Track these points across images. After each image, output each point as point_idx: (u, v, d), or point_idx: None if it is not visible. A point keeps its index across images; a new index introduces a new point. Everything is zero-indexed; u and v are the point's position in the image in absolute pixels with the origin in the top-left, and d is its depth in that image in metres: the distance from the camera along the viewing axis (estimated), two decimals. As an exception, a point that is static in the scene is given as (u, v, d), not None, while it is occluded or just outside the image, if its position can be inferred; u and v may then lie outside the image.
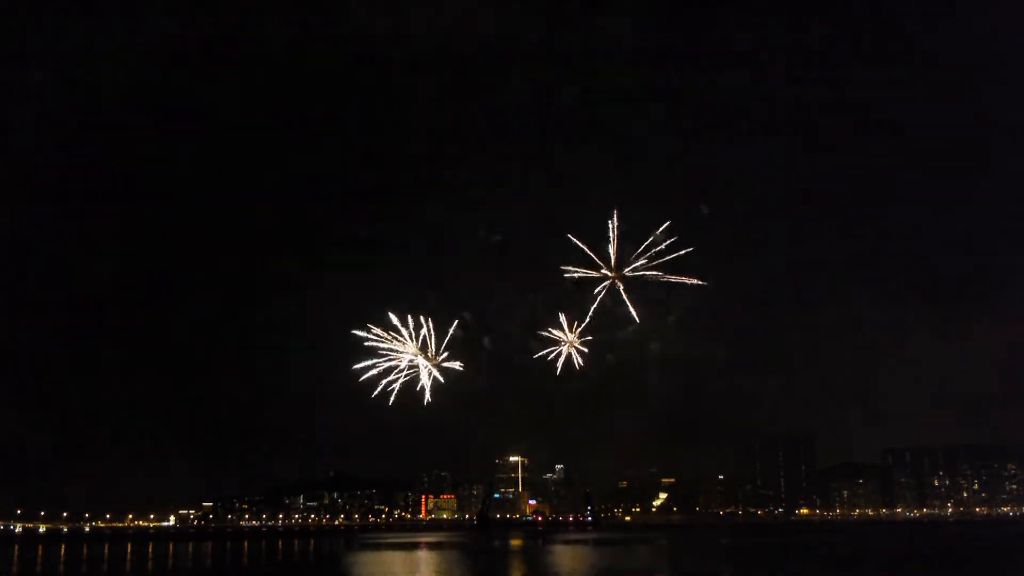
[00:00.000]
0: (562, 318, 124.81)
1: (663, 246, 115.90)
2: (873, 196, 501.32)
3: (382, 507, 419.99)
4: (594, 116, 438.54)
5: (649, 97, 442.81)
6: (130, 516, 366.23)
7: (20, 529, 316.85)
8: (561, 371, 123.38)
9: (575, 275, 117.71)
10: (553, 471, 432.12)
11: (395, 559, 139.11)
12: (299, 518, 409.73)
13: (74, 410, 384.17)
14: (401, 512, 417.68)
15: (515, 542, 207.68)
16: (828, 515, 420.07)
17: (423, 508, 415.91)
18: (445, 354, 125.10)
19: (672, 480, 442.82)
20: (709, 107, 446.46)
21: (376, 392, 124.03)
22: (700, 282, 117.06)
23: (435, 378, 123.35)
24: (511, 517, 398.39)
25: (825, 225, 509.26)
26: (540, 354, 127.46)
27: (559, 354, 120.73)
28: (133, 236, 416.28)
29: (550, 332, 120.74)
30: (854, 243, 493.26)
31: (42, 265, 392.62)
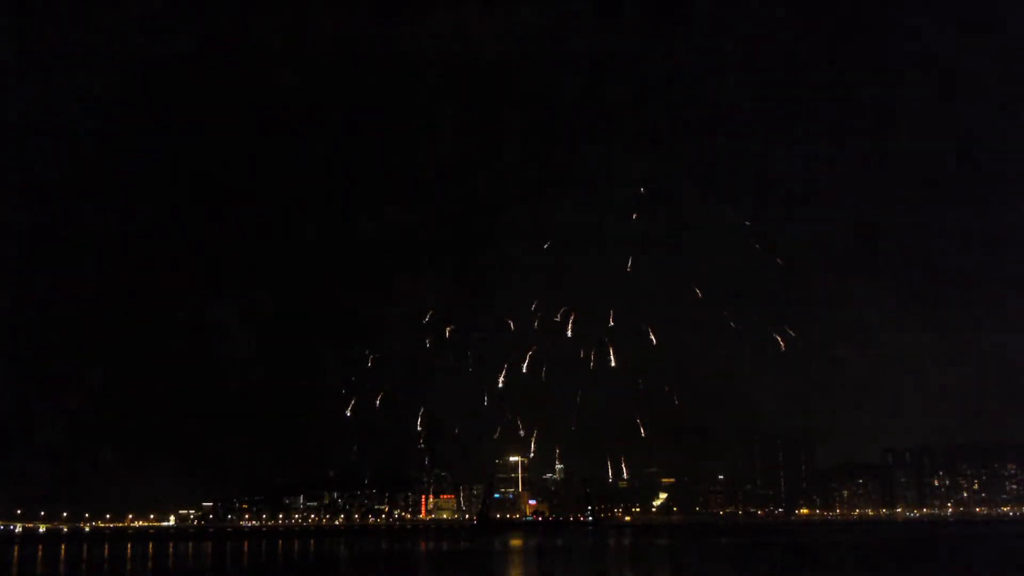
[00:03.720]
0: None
1: None
2: (874, 196, 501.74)
3: (382, 507, 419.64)
4: (599, 118, 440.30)
5: (653, 97, 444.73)
6: (130, 516, 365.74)
7: (20, 529, 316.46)
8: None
9: None
10: (553, 471, 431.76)
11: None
12: (299, 518, 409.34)
13: (74, 410, 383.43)
14: (401, 512, 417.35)
15: (515, 542, 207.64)
16: (828, 515, 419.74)
17: (423, 508, 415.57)
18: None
19: (672, 480, 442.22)
20: (710, 108, 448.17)
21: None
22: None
23: None
24: (511, 517, 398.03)
25: (826, 224, 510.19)
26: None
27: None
28: (136, 237, 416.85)
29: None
30: (854, 242, 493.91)
31: (42, 265, 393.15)
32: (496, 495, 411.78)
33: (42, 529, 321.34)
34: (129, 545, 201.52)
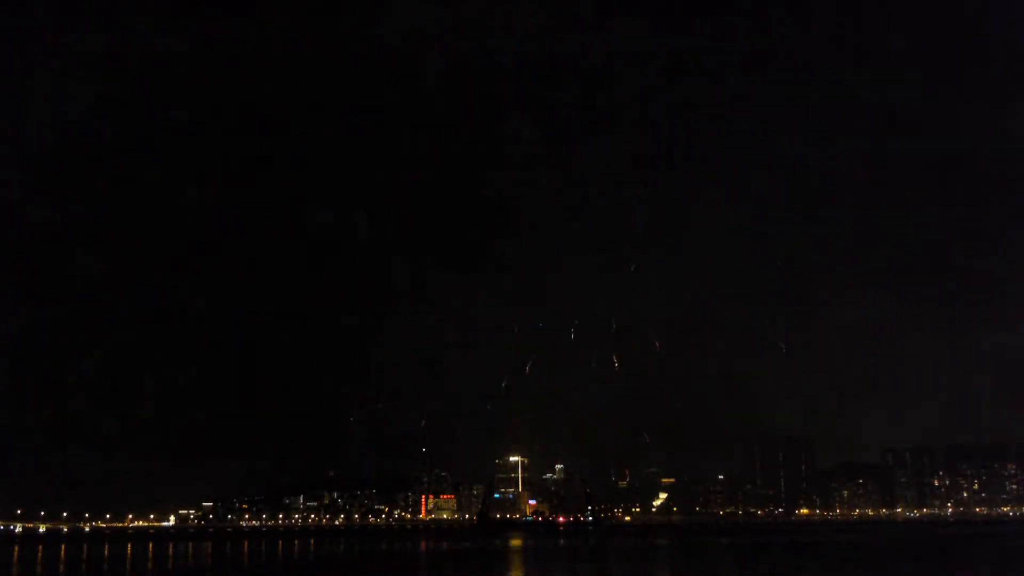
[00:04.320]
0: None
1: None
2: (875, 195, 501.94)
3: (382, 507, 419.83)
4: (601, 119, 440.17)
5: (657, 99, 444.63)
6: (130, 516, 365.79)
7: (20, 529, 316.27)
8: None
9: None
10: (553, 471, 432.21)
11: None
12: (299, 518, 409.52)
13: (74, 410, 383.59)
14: (401, 512, 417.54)
15: (515, 542, 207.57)
16: (828, 515, 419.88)
17: (423, 508, 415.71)
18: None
19: (672, 480, 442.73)
20: (714, 108, 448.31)
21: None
22: None
23: None
24: (511, 517, 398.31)
25: (827, 225, 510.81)
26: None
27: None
28: (134, 235, 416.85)
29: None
30: (856, 243, 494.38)
31: (41, 265, 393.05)
32: (496, 495, 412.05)
33: (42, 529, 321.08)
34: (129, 545, 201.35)
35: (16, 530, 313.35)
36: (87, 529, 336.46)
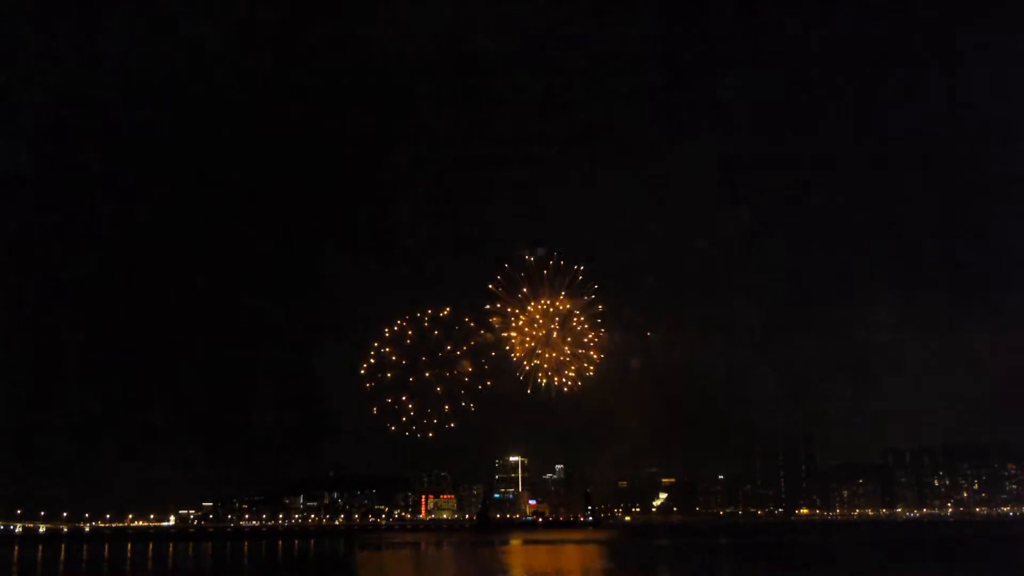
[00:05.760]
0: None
1: None
2: (875, 195, 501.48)
3: (382, 507, 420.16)
4: (599, 119, 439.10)
5: (652, 98, 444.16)
6: (130, 516, 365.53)
7: (20, 529, 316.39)
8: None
9: None
10: (553, 471, 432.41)
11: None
12: (299, 518, 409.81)
13: (73, 410, 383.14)
14: (401, 512, 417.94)
15: (515, 542, 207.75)
16: (828, 515, 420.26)
17: (423, 508, 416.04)
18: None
19: (672, 480, 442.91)
20: (711, 108, 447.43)
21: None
22: None
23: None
24: (511, 517, 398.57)
25: (827, 223, 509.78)
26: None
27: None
28: (131, 233, 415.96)
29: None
30: (856, 242, 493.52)
31: (39, 264, 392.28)
32: (496, 495, 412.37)
33: (42, 529, 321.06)
34: (129, 545, 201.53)
35: (16, 530, 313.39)
36: (87, 529, 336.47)
